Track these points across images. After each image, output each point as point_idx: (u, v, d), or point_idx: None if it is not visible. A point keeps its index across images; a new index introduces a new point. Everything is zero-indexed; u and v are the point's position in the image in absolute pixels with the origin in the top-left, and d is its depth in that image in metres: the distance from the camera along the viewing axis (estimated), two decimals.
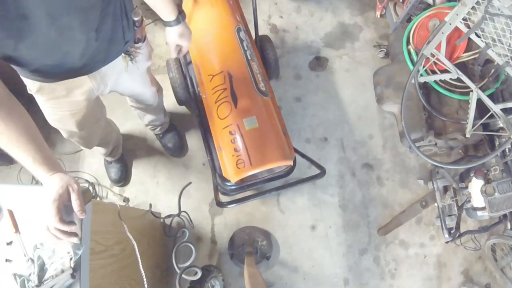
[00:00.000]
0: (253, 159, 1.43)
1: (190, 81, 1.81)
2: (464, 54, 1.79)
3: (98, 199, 2.14)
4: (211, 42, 1.66)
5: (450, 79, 1.75)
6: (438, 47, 1.65)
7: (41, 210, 0.86)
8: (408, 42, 1.96)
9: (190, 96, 1.83)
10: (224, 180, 1.56)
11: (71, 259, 0.93)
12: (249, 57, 1.62)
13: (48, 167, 0.89)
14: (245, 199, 1.55)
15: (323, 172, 1.57)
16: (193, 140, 2.26)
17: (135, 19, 1.15)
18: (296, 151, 1.65)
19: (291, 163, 1.55)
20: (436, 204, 1.87)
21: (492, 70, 1.67)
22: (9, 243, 0.97)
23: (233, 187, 1.59)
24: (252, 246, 2.05)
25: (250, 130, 1.47)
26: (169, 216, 1.92)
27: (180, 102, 1.90)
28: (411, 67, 1.89)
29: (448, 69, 1.68)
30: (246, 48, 1.64)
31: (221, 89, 1.55)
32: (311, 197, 2.20)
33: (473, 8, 1.44)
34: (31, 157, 0.88)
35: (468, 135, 1.68)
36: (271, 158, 1.46)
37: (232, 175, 1.47)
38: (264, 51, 1.94)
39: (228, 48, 1.64)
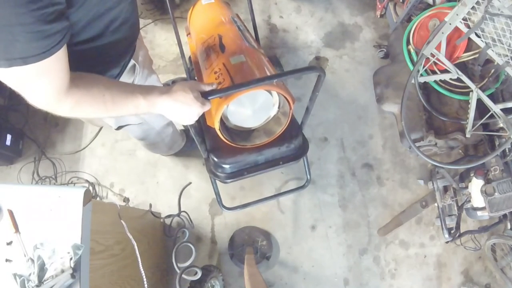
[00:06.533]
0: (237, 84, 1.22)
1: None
2: (464, 54, 1.79)
3: (98, 199, 2.15)
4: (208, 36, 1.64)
5: (450, 79, 1.75)
6: (438, 47, 1.65)
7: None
8: (408, 42, 1.96)
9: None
10: (218, 163, 1.41)
11: (71, 259, 0.93)
12: (242, 28, 1.57)
13: (158, 88, 0.96)
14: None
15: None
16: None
17: None
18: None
19: (283, 92, 1.32)
20: (436, 204, 1.88)
21: (492, 70, 1.67)
22: (9, 243, 0.97)
23: (228, 168, 1.43)
24: (252, 246, 2.05)
25: (236, 63, 1.31)
26: (169, 216, 1.92)
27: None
28: (411, 67, 1.89)
29: (448, 69, 1.68)
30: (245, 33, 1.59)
31: (210, 46, 1.46)
32: (311, 197, 2.20)
33: (473, 8, 1.44)
34: (139, 95, 0.93)
35: (468, 135, 1.68)
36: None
37: (215, 111, 1.24)
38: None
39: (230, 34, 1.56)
